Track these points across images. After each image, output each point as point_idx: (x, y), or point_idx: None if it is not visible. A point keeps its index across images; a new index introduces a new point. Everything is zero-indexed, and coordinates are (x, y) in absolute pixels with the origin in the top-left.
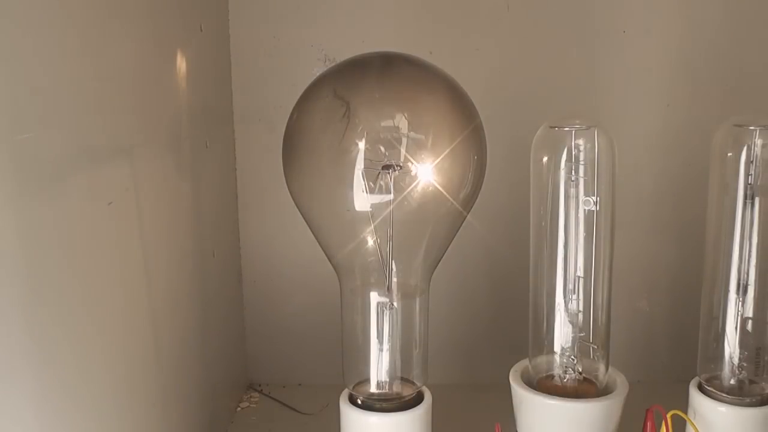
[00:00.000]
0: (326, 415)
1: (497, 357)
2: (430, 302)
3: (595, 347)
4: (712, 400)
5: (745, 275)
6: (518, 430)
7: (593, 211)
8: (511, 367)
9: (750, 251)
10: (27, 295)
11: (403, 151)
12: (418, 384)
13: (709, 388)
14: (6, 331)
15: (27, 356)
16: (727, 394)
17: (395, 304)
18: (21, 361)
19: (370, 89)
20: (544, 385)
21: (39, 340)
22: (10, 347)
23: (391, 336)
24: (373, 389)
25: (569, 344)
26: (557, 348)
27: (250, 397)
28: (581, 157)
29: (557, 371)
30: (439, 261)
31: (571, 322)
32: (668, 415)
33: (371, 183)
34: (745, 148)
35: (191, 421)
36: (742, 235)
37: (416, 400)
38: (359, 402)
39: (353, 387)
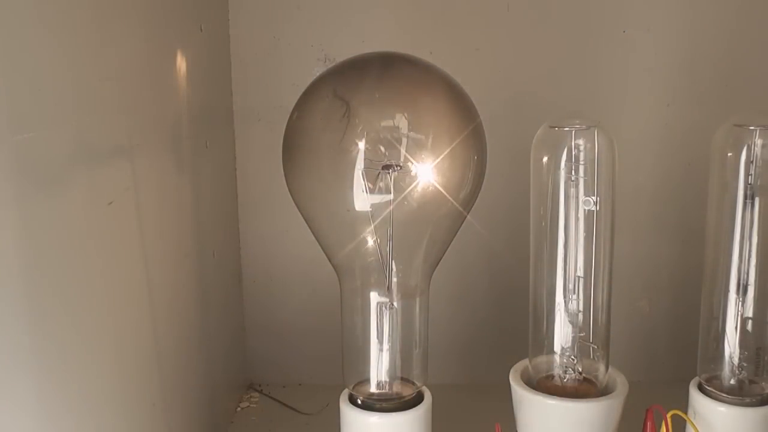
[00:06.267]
0: (326, 415)
1: (497, 357)
2: (430, 302)
3: (595, 347)
4: (712, 400)
5: (745, 275)
6: (518, 430)
7: (593, 211)
8: (511, 367)
9: (750, 251)
10: (27, 295)
11: (403, 151)
12: (418, 384)
13: (709, 388)
14: (6, 331)
15: (26, 356)
16: (727, 394)
17: (395, 304)
18: (20, 361)
19: (370, 89)
20: (544, 385)
21: (39, 340)
22: (9, 347)
23: (391, 336)
24: (373, 389)
25: (569, 344)
26: (557, 348)
27: (250, 397)
28: (581, 157)
29: (557, 371)
30: (439, 261)
31: (571, 322)
32: (668, 415)
33: (371, 183)
34: (745, 148)
35: (191, 421)
36: (742, 235)
37: (416, 400)
38: (359, 402)
39: (353, 387)
